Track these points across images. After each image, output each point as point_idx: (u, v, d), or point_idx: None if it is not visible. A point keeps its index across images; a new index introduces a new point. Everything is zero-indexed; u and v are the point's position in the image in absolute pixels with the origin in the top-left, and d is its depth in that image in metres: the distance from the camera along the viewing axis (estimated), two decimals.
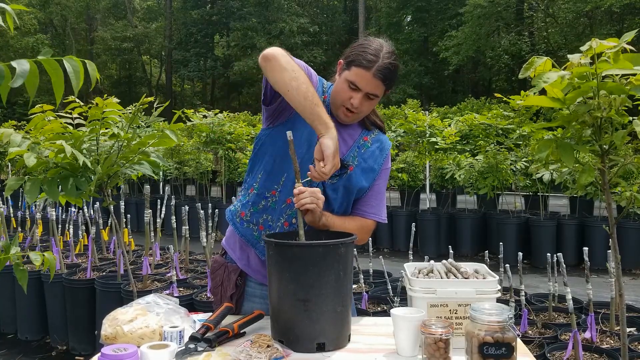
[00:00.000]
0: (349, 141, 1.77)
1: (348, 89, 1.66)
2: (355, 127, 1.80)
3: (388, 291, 3.64)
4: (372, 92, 1.65)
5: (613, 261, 2.07)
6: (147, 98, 2.37)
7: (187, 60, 27.86)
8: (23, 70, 1.08)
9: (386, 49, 1.66)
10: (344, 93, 1.67)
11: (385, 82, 1.65)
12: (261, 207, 1.75)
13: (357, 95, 1.65)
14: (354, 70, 1.63)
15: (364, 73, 1.62)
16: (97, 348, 2.64)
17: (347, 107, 1.67)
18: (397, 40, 25.01)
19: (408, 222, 6.76)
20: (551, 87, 1.61)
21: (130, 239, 4.80)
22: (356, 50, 1.66)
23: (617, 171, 1.88)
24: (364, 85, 1.64)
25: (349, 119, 1.72)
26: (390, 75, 1.65)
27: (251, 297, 1.79)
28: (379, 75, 1.62)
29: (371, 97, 1.67)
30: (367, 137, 1.80)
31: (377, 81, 1.63)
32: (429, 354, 1.33)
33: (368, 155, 1.78)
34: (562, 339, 2.84)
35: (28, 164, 1.92)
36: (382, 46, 1.66)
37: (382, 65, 1.62)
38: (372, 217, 1.82)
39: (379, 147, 1.81)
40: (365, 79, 1.63)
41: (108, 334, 1.46)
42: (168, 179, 9.63)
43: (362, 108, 1.68)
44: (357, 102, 1.65)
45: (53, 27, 29.35)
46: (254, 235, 1.75)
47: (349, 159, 1.73)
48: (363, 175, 1.76)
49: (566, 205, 7.77)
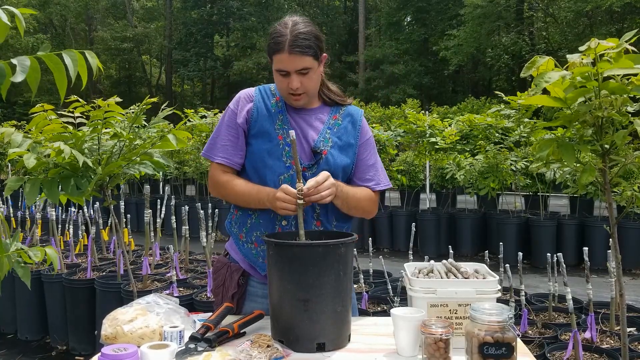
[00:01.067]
0: (319, 126, 1.78)
1: (281, 77, 1.68)
2: (322, 109, 1.82)
3: (388, 291, 3.64)
4: (299, 68, 1.64)
5: (613, 261, 2.07)
6: (150, 99, 2.36)
7: (187, 60, 27.86)
8: (24, 66, 1.07)
9: (291, 22, 1.66)
10: (280, 83, 1.70)
11: (305, 50, 1.62)
12: (249, 226, 1.78)
13: (290, 78, 1.66)
14: (274, 59, 1.66)
15: (280, 56, 1.64)
16: (97, 348, 2.63)
17: (291, 92, 1.69)
18: (397, 40, 25.01)
19: (408, 222, 6.76)
20: (553, 87, 1.61)
21: (130, 239, 4.80)
22: (268, 41, 1.68)
23: (618, 171, 1.88)
24: (287, 66, 1.64)
25: (302, 100, 1.72)
26: (305, 43, 1.62)
27: (253, 296, 1.79)
28: (294, 50, 1.61)
29: (304, 72, 1.65)
30: (336, 115, 1.81)
31: (296, 55, 1.62)
32: (429, 354, 1.33)
33: (342, 132, 1.79)
34: (562, 339, 2.84)
35: (28, 165, 1.92)
36: (287, 22, 1.66)
37: (292, 39, 1.61)
38: (375, 187, 1.82)
39: (350, 120, 1.82)
40: (284, 60, 1.63)
41: (108, 334, 1.45)
42: (168, 179, 9.63)
43: (306, 86, 1.68)
44: (294, 84, 1.66)
45: (53, 27, 29.35)
46: (252, 253, 1.77)
47: (319, 144, 1.74)
48: (342, 154, 1.77)
49: (566, 205, 7.77)
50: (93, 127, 2.26)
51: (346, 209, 1.76)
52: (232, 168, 1.78)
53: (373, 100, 18.80)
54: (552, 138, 1.77)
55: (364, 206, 1.80)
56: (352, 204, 1.75)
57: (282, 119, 1.75)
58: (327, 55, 1.74)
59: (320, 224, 1.74)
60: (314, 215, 1.73)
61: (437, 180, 7.68)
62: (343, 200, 1.71)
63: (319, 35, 1.69)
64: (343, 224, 1.81)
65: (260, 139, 1.74)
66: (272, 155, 1.72)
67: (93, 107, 2.25)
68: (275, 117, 1.75)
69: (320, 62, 1.70)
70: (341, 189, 1.68)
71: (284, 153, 1.72)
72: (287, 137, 1.72)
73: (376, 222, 7.29)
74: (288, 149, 1.72)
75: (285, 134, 1.73)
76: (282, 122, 1.75)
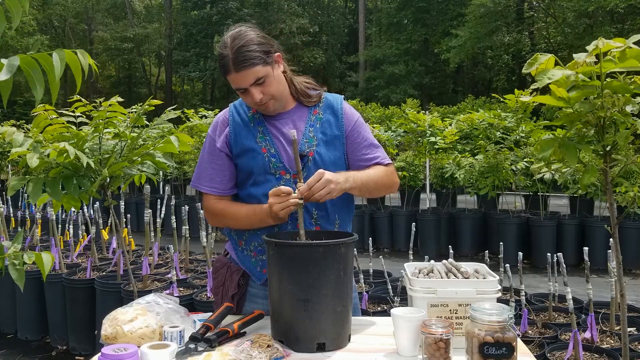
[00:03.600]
0: (301, 126, 1.74)
1: (243, 94, 1.68)
2: (299, 108, 1.78)
3: (388, 291, 3.64)
4: (252, 81, 1.62)
5: (614, 261, 2.07)
6: (153, 100, 2.36)
7: (187, 60, 27.84)
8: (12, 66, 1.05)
9: (230, 39, 1.63)
10: (245, 99, 1.70)
11: (251, 62, 1.59)
12: (247, 236, 1.76)
13: (249, 92, 1.64)
14: (228, 80, 1.65)
15: (230, 77, 1.63)
16: (97, 348, 2.63)
17: (257, 104, 1.67)
18: (398, 40, 24.98)
19: (408, 222, 6.76)
20: (556, 87, 1.60)
21: (130, 239, 4.80)
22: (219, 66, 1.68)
23: (620, 171, 1.88)
24: (241, 83, 1.63)
25: (272, 106, 1.70)
26: (248, 55, 1.59)
27: (253, 297, 1.78)
28: (239, 67, 1.60)
29: (259, 82, 1.63)
30: (316, 110, 1.78)
31: (243, 71, 1.60)
32: (429, 354, 1.33)
33: (325, 126, 1.75)
34: (562, 339, 2.84)
35: (31, 164, 1.92)
36: (226, 41, 1.63)
37: (234, 58, 1.59)
38: (383, 161, 1.78)
39: (331, 112, 1.78)
40: (235, 79, 1.63)
41: (108, 334, 1.45)
42: (168, 179, 9.63)
43: (269, 93, 1.65)
44: (256, 97, 1.64)
45: (53, 28, 29.33)
46: (251, 262, 1.76)
47: (304, 146, 1.70)
48: (330, 148, 1.74)
49: (566, 205, 7.76)
50: (95, 126, 2.26)
51: (368, 194, 1.74)
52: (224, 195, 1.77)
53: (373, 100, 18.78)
54: (554, 138, 1.76)
55: (385, 182, 1.77)
56: (371, 187, 1.72)
57: (262, 131, 1.73)
58: (281, 53, 1.69)
59: (319, 228, 1.72)
60: (311, 221, 1.71)
61: (437, 180, 7.67)
62: (361, 187, 1.68)
63: (262, 41, 1.63)
64: (346, 226, 1.79)
65: (244, 157, 1.72)
66: (259, 171, 1.69)
67: (95, 106, 2.25)
68: (254, 131, 1.73)
69: (274, 65, 1.66)
70: (353, 178, 1.64)
71: (270, 165, 1.69)
72: (270, 149, 1.70)
73: (376, 222, 7.29)
74: (275, 160, 1.69)
75: (269, 145, 1.70)
76: (262, 133, 1.72)
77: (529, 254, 6.26)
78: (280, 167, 1.70)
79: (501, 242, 3.29)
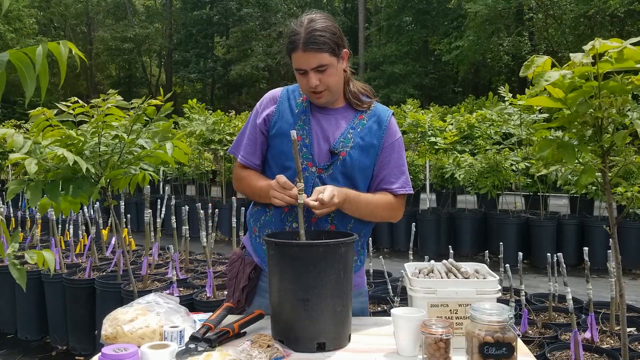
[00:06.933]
0: (343, 125, 1.75)
1: (300, 76, 1.68)
2: (347, 109, 1.79)
3: (388, 291, 3.64)
4: (315, 65, 1.63)
5: (613, 261, 2.07)
6: (153, 100, 2.36)
7: (187, 60, 27.84)
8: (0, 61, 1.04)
9: (307, 20, 1.64)
10: (301, 81, 1.70)
11: (321, 47, 1.61)
12: (262, 222, 1.78)
13: (308, 76, 1.65)
14: (292, 58, 1.66)
15: (296, 55, 1.64)
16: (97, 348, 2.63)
17: (312, 91, 1.68)
18: (398, 41, 24.98)
19: (408, 222, 6.73)
20: (553, 88, 1.60)
21: (130, 239, 4.80)
22: (285, 41, 1.68)
23: (618, 171, 1.88)
24: (303, 64, 1.64)
25: (324, 98, 1.71)
26: (320, 39, 1.61)
27: (263, 292, 1.78)
28: (308, 48, 1.61)
29: (321, 69, 1.64)
30: (362, 115, 1.79)
31: (311, 53, 1.61)
32: (429, 354, 1.33)
33: (365, 132, 1.75)
34: (562, 339, 2.84)
35: (30, 171, 1.92)
36: (303, 20, 1.65)
37: (306, 37, 1.61)
38: (397, 190, 1.78)
39: (376, 120, 1.78)
40: (300, 58, 1.63)
41: (108, 334, 1.45)
42: (168, 179, 9.63)
43: (325, 83, 1.66)
44: (313, 82, 1.65)
45: (53, 29, 29.33)
46: (262, 249, 1.76)
47: (338, 145, 1.72)
48: (362, 154, 1.73)
49: (566, 205, 7.76)
50: (94, 128, 2.26)
51: (358, 216, 1.74)
52: (251, 167, 1.81)
53: None
54: (553, 138, 1.76)
55: (381, 214, 1.77)
56: (364, 213, 1.73)
57: (304, 120, 1.74)
58: (348, 51, 1.72)
59: (334, 227, 1.73)
60: (328, 219, 1.72)
61: (437, 180, 7.68)
62: (352, 210, 1.69)
63: (336, 32, 1.66)
64: (362, 227, 1.78)
65: (279, 139, 1.74)
66: (289, 156, 1.69)
67: (92, 106, 2.25)
68: (297, 117, 1.75)
69: (340, 59, 1.68)
70: (349, 200, 1.65)
71: (301, 154, 1.70)
72: (305, 139, 1.71)
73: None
74: (306, 151, 1.71)
75: (306, 135, 1.72)
76: (303, 122, 1.74)
77: (529, 254, 6.26)
78: (309, 158, 1.71)
79: (501, 242, 3.29)
